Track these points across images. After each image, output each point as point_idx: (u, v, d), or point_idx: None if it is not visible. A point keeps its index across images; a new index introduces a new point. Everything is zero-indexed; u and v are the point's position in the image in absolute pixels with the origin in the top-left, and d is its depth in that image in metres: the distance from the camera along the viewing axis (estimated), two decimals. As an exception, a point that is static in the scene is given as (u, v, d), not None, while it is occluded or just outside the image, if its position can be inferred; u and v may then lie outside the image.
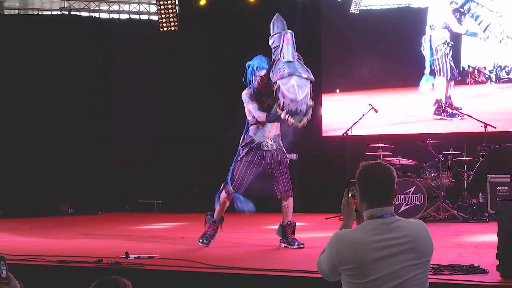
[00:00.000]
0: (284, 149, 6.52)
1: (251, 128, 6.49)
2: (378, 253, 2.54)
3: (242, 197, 6.52)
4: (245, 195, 6.49)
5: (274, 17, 6.59)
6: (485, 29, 10.56)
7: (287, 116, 6.08)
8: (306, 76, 6.24)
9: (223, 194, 6.48)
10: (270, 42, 6.52)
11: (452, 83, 10.78)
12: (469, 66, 10.76)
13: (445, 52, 10.84)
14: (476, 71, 10.72)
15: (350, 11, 10.97)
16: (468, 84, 10.79)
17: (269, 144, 6.42)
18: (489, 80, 10.70)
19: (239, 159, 6.46)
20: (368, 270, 2.53)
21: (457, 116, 10.59)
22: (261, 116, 6.37)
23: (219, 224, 6.54)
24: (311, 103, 6.22)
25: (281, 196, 6.44)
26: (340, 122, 10.97)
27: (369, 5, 11.29)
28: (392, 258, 2.53)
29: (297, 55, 6.36)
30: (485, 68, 10.69)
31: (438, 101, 10.85)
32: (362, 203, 2.69)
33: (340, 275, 2.64)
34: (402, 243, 2.56)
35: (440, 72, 10.88)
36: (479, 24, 10.63)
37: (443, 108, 10.75)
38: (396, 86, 11.25)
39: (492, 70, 10.64)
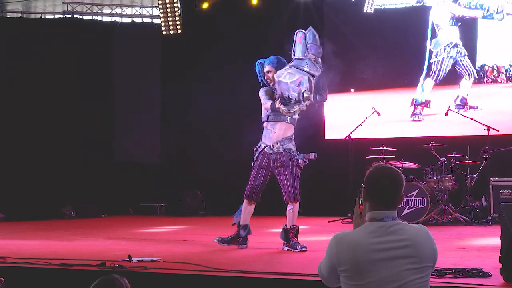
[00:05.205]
0: (293, 153, 6.41)
1: (263, 129, 6.55)
2: (376, 255, 2.53)
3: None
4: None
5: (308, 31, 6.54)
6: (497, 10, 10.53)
7: (280, 104, 6.23)
8: (307, 70, 6.31)
9: (244, 201, 6.53)
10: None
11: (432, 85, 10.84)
12: (485, 64, 10.70)
13: (447, 55, 10.81)
14: (494, 70, 10.68)
15: (364, 11, 10.99)
16: (485, 83, 10.76)
17: (274, 147, 6.41)
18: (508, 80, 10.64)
19: (253, 163, 6.54)
20: (366, 272, 2.53)
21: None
22: (267, 103, 6.43)
23: (247, 233, 6.51)
24: (306, 94, 6.26)
25: (287, 201, 6.43)
26: (343, 124, 10.95)
27: (383, 4, 11.28)
28: (390, 261, 2.53)
29: (312, 53, 6.40)
30: (503, 67, 10.63)
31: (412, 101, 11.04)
32: (366, 204, 2.70)
33: (338, 278, 2.64)
34: (401, 247, 2.55)
35: (432, 75, 10.87)
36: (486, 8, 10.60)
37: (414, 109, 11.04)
38: (399, 87, 11.25)
39: (509, 69, 10.60)
